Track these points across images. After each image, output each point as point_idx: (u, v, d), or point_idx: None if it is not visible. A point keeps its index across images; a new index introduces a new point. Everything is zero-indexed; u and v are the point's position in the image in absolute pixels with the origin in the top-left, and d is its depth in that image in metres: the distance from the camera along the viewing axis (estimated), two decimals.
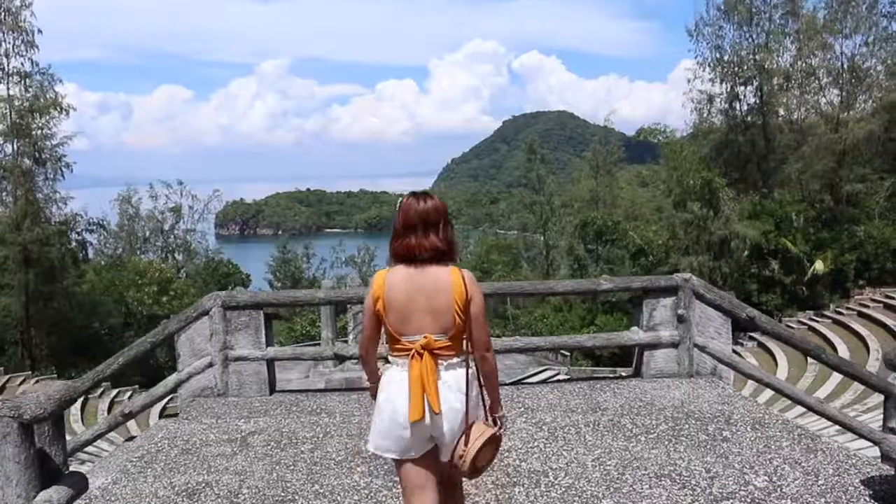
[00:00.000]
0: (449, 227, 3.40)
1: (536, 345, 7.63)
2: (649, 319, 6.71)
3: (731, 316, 6.62)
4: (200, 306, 6.61)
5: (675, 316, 6.63)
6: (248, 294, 6.81)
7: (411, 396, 3.23)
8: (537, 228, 58.15)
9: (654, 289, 6.67)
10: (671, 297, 6.63)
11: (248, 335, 6.62)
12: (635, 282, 6.90)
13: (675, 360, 6.73)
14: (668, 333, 6.70)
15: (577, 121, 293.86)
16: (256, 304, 6.62)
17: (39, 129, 31.78)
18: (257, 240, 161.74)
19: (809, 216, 35.62)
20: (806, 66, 37.82)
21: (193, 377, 6.65)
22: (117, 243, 50.52)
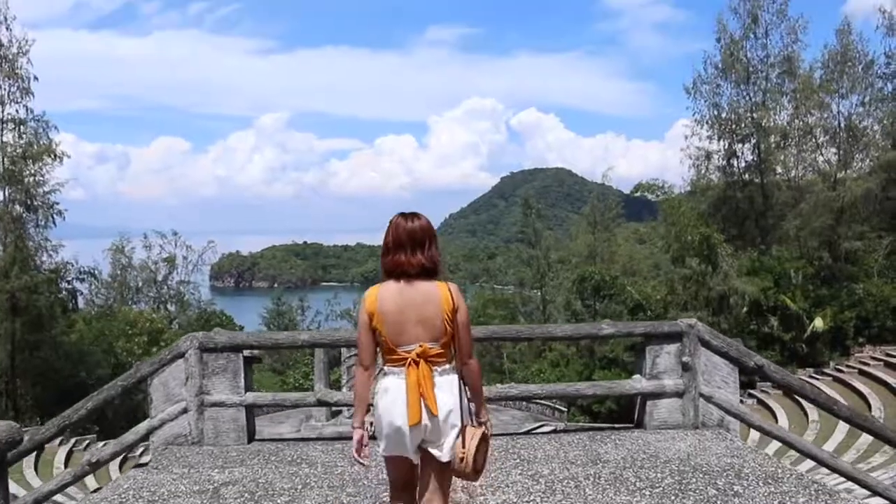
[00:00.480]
0: (434, 245, 3.67)
1: (533, 392, 7.37)
2: (652, 367, 6.34)
3: (739, 364, 6.30)
4: (176, 348, 6.19)
5: (679, 364, 6.31)
6: (226, 335, 6.19)
7: (409, 402, 3.46)
8: (534, 283, 57.99)
9: (658, 334, 6.32)
10: (675, 344, 6.30)
11: (226, 379, 6.21)
12: (638, 327, 6.55)
13: (680, 411, 6.39)
14: (672, 382, 6.35)
15: (574, 178, 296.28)
16: (235, 346, 6.18)
17: (32, 175, 31.61)
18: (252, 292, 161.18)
19: (808, 273, 35.40)
20: (803, 125, 38.08)
21: (166, 424, 6.21)
22: (109, 293, 50.01)
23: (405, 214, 3.70)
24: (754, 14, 38.46)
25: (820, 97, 37.48)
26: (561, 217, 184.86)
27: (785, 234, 38.13)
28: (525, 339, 6.58)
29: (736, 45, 38.59)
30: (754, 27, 38.58)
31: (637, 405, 6.65)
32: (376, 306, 3.54)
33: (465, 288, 79.52)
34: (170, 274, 55.35)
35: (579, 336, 6.72)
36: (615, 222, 57.84)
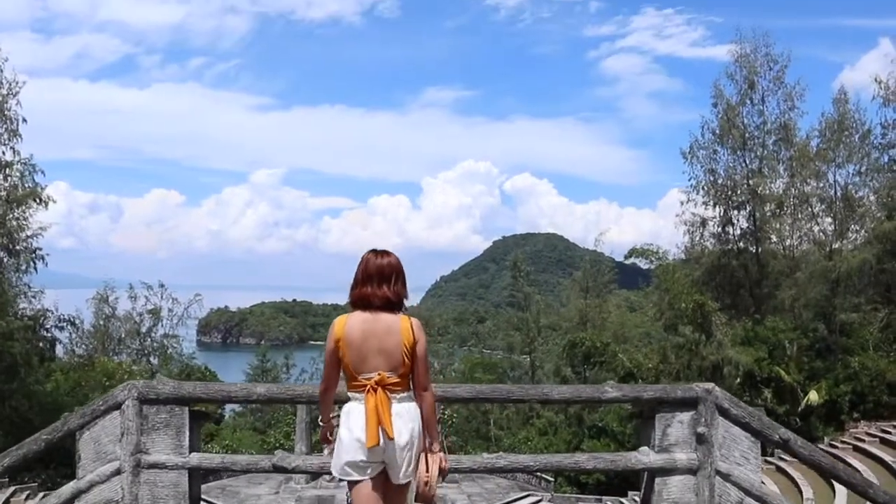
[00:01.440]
0: (401, 282, 4.03)
1: (524, 464, 6.34)
2: (662, 438, 5.55)
3: (762, 437, 5.58)
4: (111, 398, 5.40)
5: (693, 435, 5.53)
6: (171, 385, 5.46)
7: (368, 425, 3.74)
8: (524, 348, 57.28)
9: (670, 400, 5.56)
10: (690, 412, 5.52)
11: (168, 437, 5.40)
12: (647, 391, 5.80)
13: (693, 490, 5.57)
14: (685, 456, 5.54)
15: (566, 243, 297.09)
16: (181, 398, 5.38)
17: (15, 220, 30.91)
18: (239, 349, 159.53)
19: (803, 345, 34.78)
20: (799, 193, 37.92)
21: (96, 486, 5.34)
22: (90, 343, 48.92)
23: (376, 251, 4.06)
24: (751, 80, 38.56)
25: (816, 166, 37.43)
26: (552, 283, 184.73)
27: (780, 304, 37.56)
28: (516, 400, 5.61)
29: (733, 110, 38.57)
30: (751, 93, 38.70)
31: (643, 482, 5.84)
32: (343, 333, 3.86)
33: (454, 352, 78.62)
34: (154, 326, 54.24)
35: (579, 399, 5.99)
36: (607, 288, 57.45)
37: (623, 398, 5.78)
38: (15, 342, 29.80)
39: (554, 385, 7.39)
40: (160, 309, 54.64)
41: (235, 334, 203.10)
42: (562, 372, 47.85)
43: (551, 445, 38.29)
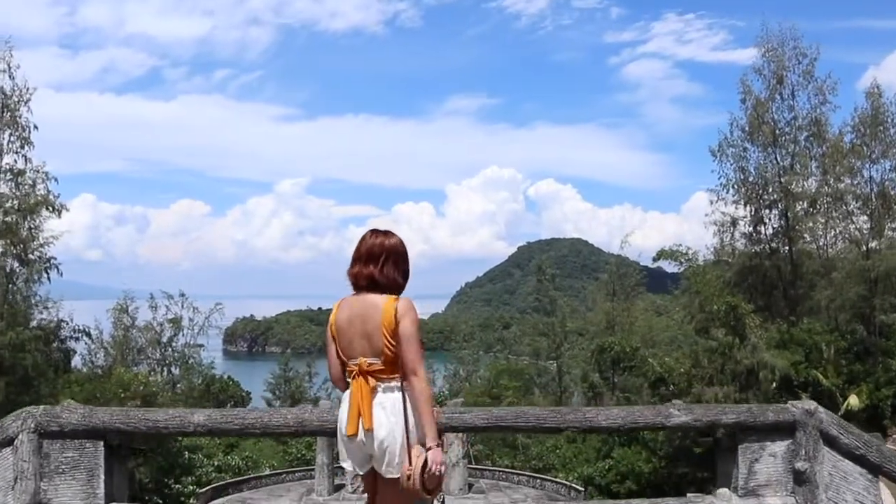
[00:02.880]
0: (392, 264, 3.67)
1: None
2: (748, 477, 4.32)
3: (882, 474, 4.23)
4: (1, 431, 4.25)
5: (790, 472, 4.32)
6: (80, 412, 4.24)
7: (349, 414, 3.58)
8: (550, 354, 56.41)
9: (758, 426, 4.32)
10: (785, 442, 4.34)
11: (77, 482, 4.15)
12: (727, 413, 4.42)
13: None
14: (779, 502, 4.29)
15: (590, 248, 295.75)
16: (93, 429, 4.17)
17: (28, 229, 30.56)
18: (265, 357, 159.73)
19: (841, 347, 33.54)
20: (833, 191, 36.53)
21: None
22: (108, 354, 48.68)
23: (376, 231, 3.78)
24: (780, 75, 37.28)
25: (850, 162, 36.08)
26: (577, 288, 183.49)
27: (815, 306, 36.37)
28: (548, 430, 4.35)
29: (762, 106, 37.27)
30: (780, 88, 37.43)
31: None
32: (334, 318, 3.72)
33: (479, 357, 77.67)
34: (175, 336, 54.01)
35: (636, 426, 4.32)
36: (634, 291, 56.43)
37: (694, 423, 4.39)
38: (27, 353, 29.37)
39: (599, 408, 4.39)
40: (181, 318, 54.38)
41: (261, 343, 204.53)
42: (589, 377, 47.07)
43: (580, 454, 37.53)
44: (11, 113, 30.49)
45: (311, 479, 34.44)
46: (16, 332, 28.65)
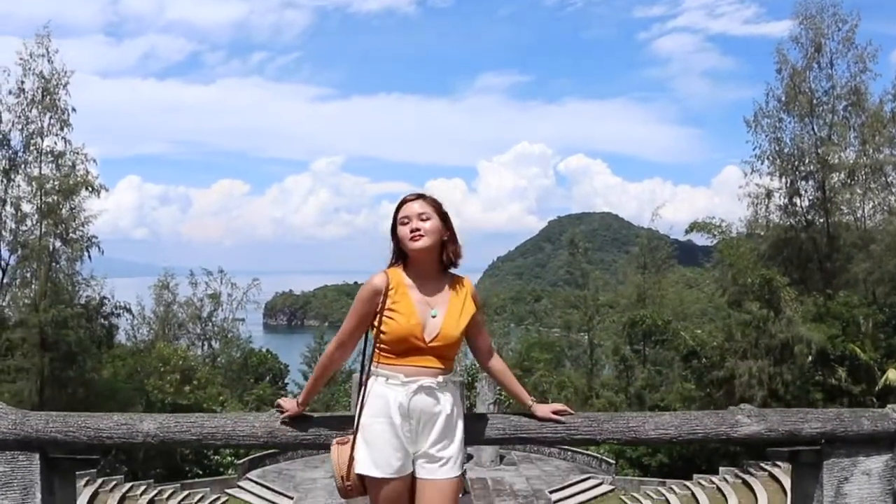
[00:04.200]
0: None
1: None
2: (836, 501, 3.46)
3: None
4: None
5: (889, 495, 3.46)
6: (10, 417, 3.37)
7: None
8: (581, 327, 56.36)
9: (848, 437, 3.42)
10: (883, 457, 3.45)
11: (10, 501, 3.40)
12: (809, 420, 3.44)
13: None
14: None
15: (621, 222, 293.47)
16: (24, 440, 3.37)
17: (70, 209, 31.19)
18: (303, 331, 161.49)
19: (879, 321, 32.86)
20: (872, 161, 35.56)
21: None
22: (151, 328, 49.85)
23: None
24: (818, 42, 36.20)
25: (891, 132, 35.12)
26: (608, 261, 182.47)
27: (853, 278, 35.59)
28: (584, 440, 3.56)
29: (799, 75, 36.33)
30: (818, 56, 36.38)
31: None
32: None
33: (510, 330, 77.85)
34: (214, 311, 55.16)
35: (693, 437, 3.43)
36: (666, 264, 56.04)
37: (767, 434, 3.41)
38: (70, 330, 30.13)
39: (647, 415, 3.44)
40: (219, 294, 55.57)
41: (300, 317, 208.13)
42: (621, 351, 46.99)
43: None
44: (51, 96, 30.91)
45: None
46: (58, 310, 29.37)
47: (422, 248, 3.04)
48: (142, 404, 34.61)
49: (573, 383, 50.27)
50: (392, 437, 2.95)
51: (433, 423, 2.96)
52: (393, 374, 2.99)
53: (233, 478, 32.08)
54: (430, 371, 2.99)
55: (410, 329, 2.98)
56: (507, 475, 31.85)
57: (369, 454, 2.97)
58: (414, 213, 3.09)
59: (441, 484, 2.94)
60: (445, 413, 2.98)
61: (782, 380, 31.25)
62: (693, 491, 28.78)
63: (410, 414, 2.95)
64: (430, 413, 2.96)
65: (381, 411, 2.97)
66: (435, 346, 2.99)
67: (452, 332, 3.01)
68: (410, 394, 2.95)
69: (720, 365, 33.22)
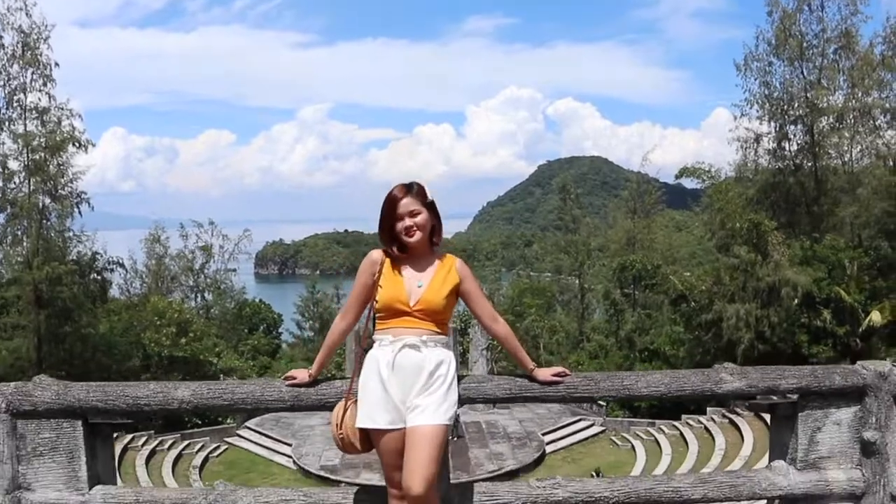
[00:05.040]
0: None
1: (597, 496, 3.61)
2: (809, 449, 3.82)
3: None
4: None
5: (857, 442, 3.81)
6: (53, 389, 3.74)
7: None
8: (572, 271, 56.78)
9: (821, 391, 3.78)
10: (852, 408, 3.81)
11: (58, 465, 3.76)
12: (786, 377, 3.78)
13: None
14: (843, 476, 3.79)
15: (610, 166, 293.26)
16: (68, 408, 3.74)
17: (58, 165, 31.00)
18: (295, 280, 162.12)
19: (864, 264, 33.34)
20: (860, 105, 35.60)
21: None
22: (143, 282, 49.95)
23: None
24: None
25: (880, 75, 34.92)
26: (597, 205, 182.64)
27: (839, 222, 36.01)
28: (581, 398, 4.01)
29: (789, 18, 36.06)
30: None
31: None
32: None
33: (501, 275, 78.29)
34: (206, 263, 55.30)
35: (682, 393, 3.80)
36: (655, 209, 56.31)
37: (748, 389, 3.81)
38: (64, 287, 30.27)
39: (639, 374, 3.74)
40: (211, 246, 55.59)
41: (291, 266, 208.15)
42: (611, 295, 47.45)
43: (603, 369, 38.19)
44: (32, 51, 30.44)
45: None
46: (52, 267, 29.45)
47: (416, 242, 3.47)
48: (139, 357, 34.96)
49: (564, 328, 50.91)
50: (382, 392, 3.31)
51: (417, 374, 3.32)
52: (384, 336, 3.41)
53: (231, 427, 32.69)
54: (414, 331, 3.38)
55: (397, 295, 3.42)
56: (501, 418, 32.58)
57: (365, 410, 3.35)
58: (406, 211, 3.49)
59: (423, 429, 3.24)
60: (428, 367, 3.33)
61: (769, 322, 31.76)
62: (681, 431, 29.57)
63: (396, 367, 3.32)
64: (414, 366, 3.33)
65: (373, 370, 3.37)
66: (419, 310, 3.41)
67: (433, 298, 3.41)
68: (396, 350, 3.34)
69: (708, 308, 33.70)
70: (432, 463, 3.21)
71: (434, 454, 3.23)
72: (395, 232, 3.53)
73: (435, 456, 3.24)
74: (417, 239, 3.46)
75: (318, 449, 28.61)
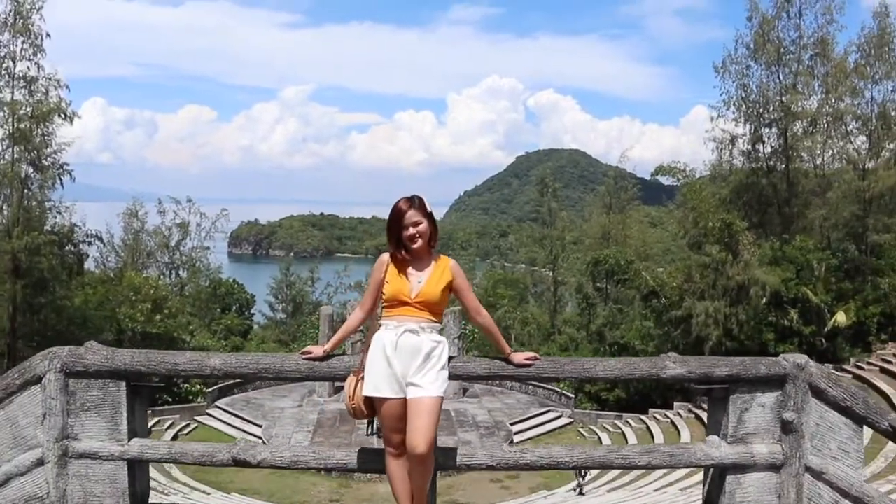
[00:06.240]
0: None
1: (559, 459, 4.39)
2: (738, 426, 4.44)
3: (866, 425, 4.38)
4: (28, 369, 4.34)
5: (778, 422, 4.43)
6: (102, 354, 4.29)
7: None
8: (546, 263, 57.27)
9: (749, 378, 4.42)
10: (774, 393, 4.42)
11: (102, 419, 4.30)
12: (720, 366, 4.47)
13: (775, 491, 4.45)
14: (766, 449, 4.41)
15: (588, 159, 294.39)
16: (115, 370, 4.28)
17: (42, 136, 30.84)
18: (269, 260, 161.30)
19: (832, 265, 34.30)
20: (833, 111, 36.55)
21: (14, 479, 4.30)
22: (119, 257, 49.71)
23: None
24: None
25: (853, 82, 35.94)
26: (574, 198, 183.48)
27: (809, 224, 36.91)
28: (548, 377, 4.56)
29: (768, 24, 36.96)
30: (787, 6, 37.01)
31: (709, 480, 4.71)
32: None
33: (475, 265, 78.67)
34: (183, 240, 55.11)
35: (632, 376, 4.60)
36: (630, 205, 56.93)
37: (688, 375, 4.46)
38: (42, 258, 30.19)
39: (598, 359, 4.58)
40: (188, 223, 55.35)
41: (265, 246, 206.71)
42: (584, 289, 47.96)
43: None
44: (24, 20, 30.23)
45: (312, 381, 36.04)
46: (31, 237, 29.35)
47: (418, 248, 4.06)
48: (112, 332, 34.89)
49: (536, 320, 51.51)
50: (387, 367, 3.92)
51: (416, 354, 3.92)
52: (389, 321, 4.02)
53: (202, 406, 32.93)
54: (414, 319, 3.99)
55: (401, 289, 4.02)
56: (470, 407, 33.05)
57: (371, 381, 3.95)
58: (410, 222, 4.05)
59: (424, 400, 3.85)
60: (425, 349, 3.94)
61: (737, 320, 32.55)
62: (648, 424, 30.21)
63: (399, 348, 3.92)
64: (413, 347, 3.93)
65: (379, 349, 3.97)
66: (418, 302, 4.01)
67: (431, 292, 4.03)
68: (399, 333, 3.95)
69: (679, 305, 34.37)
70: (432, 427, 3.83)
71: (434, 421, 3.85)
72: (402, 239, 4.09)
73: (434, 422, 3.86)
74: (419, 245, 4.05)
75: (287, 431, 28.88)
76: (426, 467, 3.91)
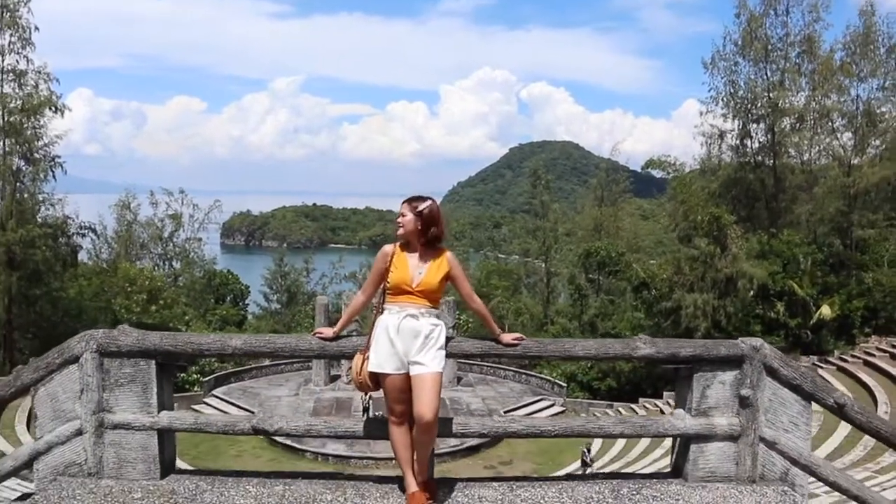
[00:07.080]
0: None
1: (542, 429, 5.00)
2: (701, 401, 4.96)
3: (814, 401, 4.94)
4: (67, 350, 4.82)
5: (736, 398, 4.94)
6: (134, 336, 4.82)
7: None
8: (539, 254, 57.71)
9: (710, 359, 4.93)
10: (733, 372, 4.93)
11: (134, 394, 4.84)
12: (685, 347, 5.05)
13: (734, 459, 4.99)
14: (725, 421, 4.93)
15: (581, 151, 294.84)
16: (145, 350, 4.81)
17: (32, 128, 31.12)
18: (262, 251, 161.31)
19: (817, 259, 34.89)
20: (820, 107, 37.09)
21: (55, 448, 4.83)
22: (112, 249, 49.91)
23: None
24: None
25: (839, 79, 36.43)
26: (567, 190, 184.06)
27: (796, 219, 37.52)
28: (533, 356, 5.13)
29: (756, 21, 37.50)
30: (775, 4, 37.53)
31: (676, 448, 5.27)
32: None
33: (469, 256, 79.08)
34: (176, 231, 55.39)
35: (607, 356, 5.14)
36: (622, 197, 57.43)
37: (657, 355, 4.97)
38: (37, 250, 30.56)
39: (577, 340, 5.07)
40: (181, 214, 55.57)
41: (258, 237, 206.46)
42: (576, 280, 48.42)
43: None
44: (11, 14, 30.54)
45: (309, 370, 36.56)
46: (26, 230, 29.72)
47: (399, 234, 4.50)
48: (107, 323, 35.20)
49: (529, 310, 52.01)
50: (389, 346, 4.35)
51: (416, 337, 4.34)
52: (392, 307, 4.45)
53: (198, 394, 33.30)
54: (415, 305, 4.41)
55: (403, 278, 4.43)
56: (464, 395, 33.59)
57: (375, 358, 4.38)
58: (398, 214, 4.52)
59: (427, 375, 4.29)
60: (424, 332, 4.36)
61: (725, 312, 33.11)
62: (638, 413, 30.70)
63: (401, 330, 4.35)
64: (413, 330, 4.35)
65: (383, 330, 4.40)
66: (419, 290, 4.43)
67: (430, 281, 4.44)
68: (401, 318, 4.37)
69: (668, 296, 34.91)
70: (436, 399, 4.31)
71: (437, 393, 4.33)
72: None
73: (438, 394, 4.34)
74: (400, 233, 4.50)
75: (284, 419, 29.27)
76: (431, 435, 4.35)
